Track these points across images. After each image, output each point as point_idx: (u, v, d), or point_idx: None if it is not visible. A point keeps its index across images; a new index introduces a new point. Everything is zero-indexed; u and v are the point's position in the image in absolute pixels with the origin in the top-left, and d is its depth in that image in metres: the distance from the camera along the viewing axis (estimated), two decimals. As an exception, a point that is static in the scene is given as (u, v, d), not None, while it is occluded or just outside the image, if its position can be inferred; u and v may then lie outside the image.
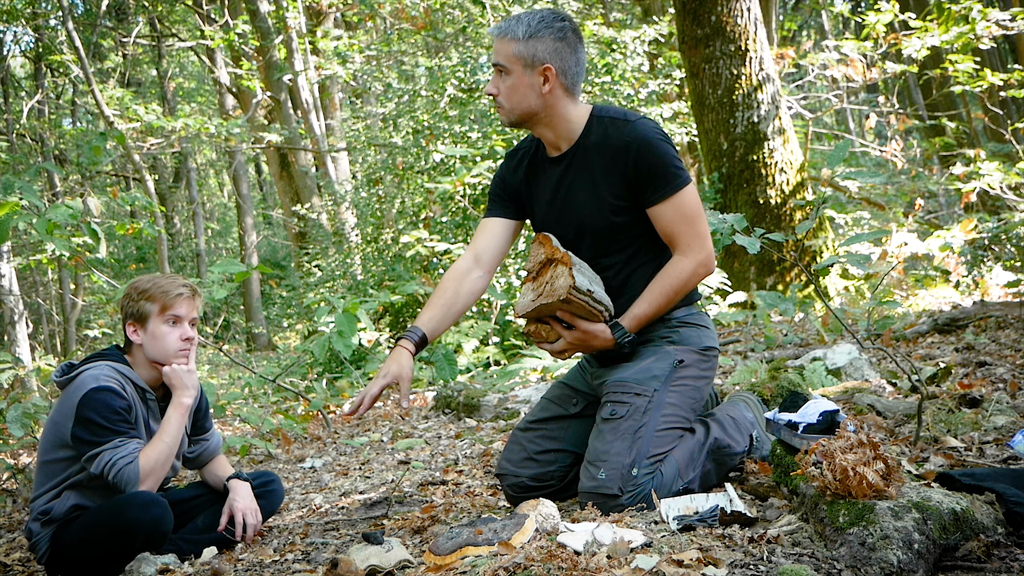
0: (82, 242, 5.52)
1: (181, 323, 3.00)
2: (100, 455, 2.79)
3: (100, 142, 6.12)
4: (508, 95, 2.81)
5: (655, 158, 2.72)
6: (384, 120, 13.08)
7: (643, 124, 2.78)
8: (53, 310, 19.91)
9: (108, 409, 2.82)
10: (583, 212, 2.84)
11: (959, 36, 9.45)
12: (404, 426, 5.48)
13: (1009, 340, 4.67)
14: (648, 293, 2.79)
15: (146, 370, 3.02)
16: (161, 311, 2.97)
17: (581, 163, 2.83)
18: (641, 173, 2.73)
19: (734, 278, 7.69)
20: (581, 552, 2.02)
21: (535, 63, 2.76)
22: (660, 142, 2.74)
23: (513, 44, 2.76)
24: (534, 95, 2.79)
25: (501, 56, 2.79)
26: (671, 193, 2.73)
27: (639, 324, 2.79)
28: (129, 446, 2.82)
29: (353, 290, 10.38)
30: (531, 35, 2.75)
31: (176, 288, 3.01)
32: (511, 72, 2.78)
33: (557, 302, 2.69)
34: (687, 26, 7.83)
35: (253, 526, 3.09)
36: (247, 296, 20.68)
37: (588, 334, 2.77)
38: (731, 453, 2.80)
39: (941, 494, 1.97)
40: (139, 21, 21.41)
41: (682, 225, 2.75)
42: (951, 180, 9.49)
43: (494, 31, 2.83)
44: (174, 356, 3.00)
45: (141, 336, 2.99)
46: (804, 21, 22.48)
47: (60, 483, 2.90)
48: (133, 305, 2.99)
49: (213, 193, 31.87)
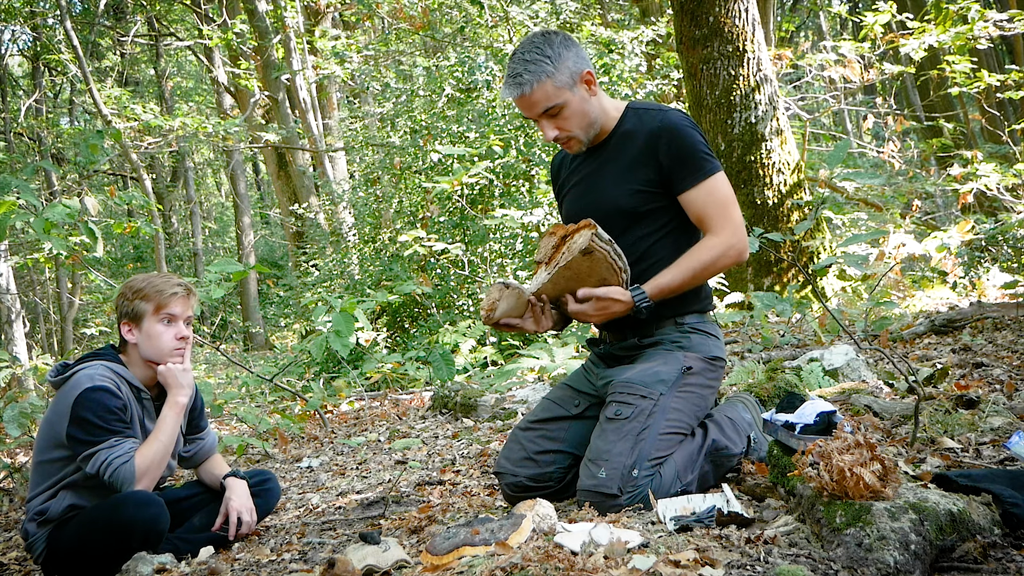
0: (79, 241, 5.52)
1: (176, 322, 3.00)
2: (96, 455, 2.78)
3: (97, 141, 6.10)
4: (577, 122, 2.85)
5: (686, 144, 2.77)
6: (382, 120, 13.08)
7: (674, 113, 2.84)
8: (50, 309, 19.91)
9: (103, 408, 2.82)
10: (610, 196, 2.88)
11: (956, 37, 9.45)
12: (401, 426, 5.48)
13: (1006, 341, 4.67)
14: (675, 266, 2.78)
15: (141, 369, 3.02)
16: (156, 310, 2.98)
17: (614, 149, 2.88)
18: (672, 159, 2.77)
19: (731, 278, 7.69)
20: (578, 552, 2.02)
21: (575, 79, 2.80)
22: (690, 129, 2.79)
23: (550, 81, 2.77)
24: (590, 105, 2.85)
25: (549, 99, 2.78)
26: (703, 178, 2.77)
27: (660, 293, 2.77)
28: (124, 445, 2.82)
29: (350, 289, 10.38)
30: (557, 60, 2.77)
31: (171, 287, 3.00)
32: (566, 103, 2.80)
33: (578, 257, 2.65)
34: (685, 27, 7.83)
35: (248, 524, 3.09)
36: (244, 295, 20.68)
37: (607, 299, 2.73)
38: (729, 454, 2.81)
39: (938, 495, 1.97)
40: (137, 20, 21.42)
41: (714, 208, 2.78)
42: (948, 181, 9.49)
43: (523, 89, 2.78)
44: (169, 355, 3.00)
45: (136, 335, 2.99)
46: (802, 22, 22.51)
47: (56, 483, 2.89)
48: (128, 304, 2.99)
49: (210, 192, 31.88)
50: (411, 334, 9.44)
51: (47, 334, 20.02)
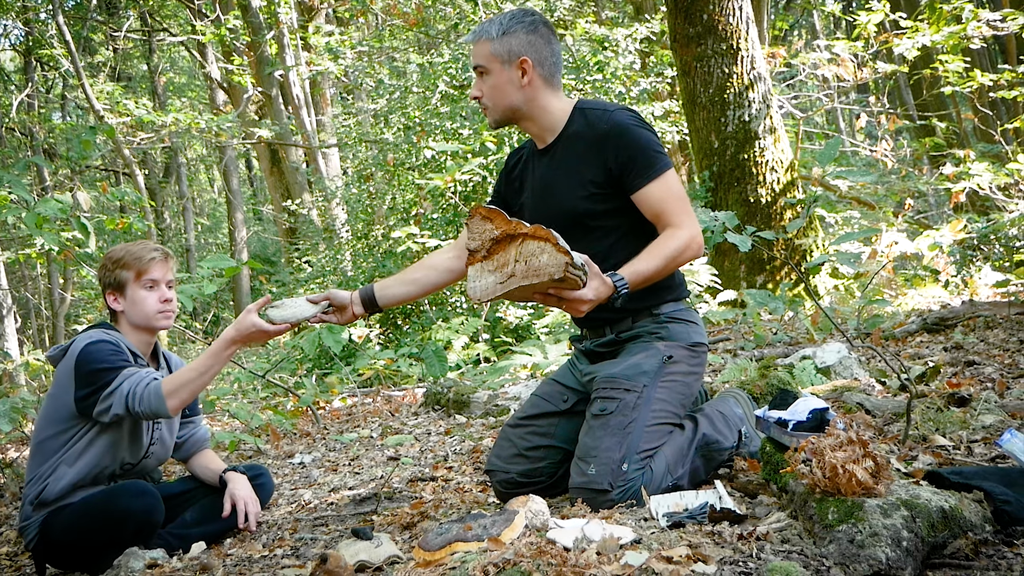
0: (71, 236, 5.50)
1: (158, 286, 3.04)
2: (116, 392, 2.77)
3: (90, 136, 6.08)
4: (491, 94, 2.87)
5: (635, 143, 2.74)
6: (375, 116, 13.06)
7: (622, 113, 2.81)
8: (42, 304, 19.86)
9: (106, 353, 2.84)
10: (564, 200, 2.85)
11: (950, 36, 9.48)
12: (394, 422, 5.47)
13: (997, 339, 4.69)
14: (646, 254, 2.69)
15: (134, 335, 3.05)
16: (137, 276, 3.02)
17: (564, 153, 2.86)
18: (622, 160, 2.74)
19: (724, 276, 7.70)
20: (571, 548, 2.02)
21: (511, 58, 2.81)
22: (638, 128, 2.77)
23: (488, 44, 2.82)
24: (515, 90, 2.84)
25: (480, 58, 2.85)
26: (656, 176, 2.73)
27: (637, 280, 2.65)
28: (141, 372, 2.82)
29: (343, 286, 10.37)
30: (504, 32, 2.81)
31: (148, 253, 3.05)
32: (491, 71, 2.84)
33: (549, 281, 2.43)
34: (679, 24, 7.84)
35: (255, 514, 3.13)
36: (237, 291, 20.62)
37: (578, 300, 2.53)
38: (720, 448, 2.81)
39: (930, 492, 1.97)
40: (130, 15, 21.36)
41: (672, 203, 2.73)
42: (941, 180, 9.52)
43: (470, 37, 2.90)
44: (155, 318, 3.03)
45: (122, 303, 3.03)
46: (795, 20, 22.54)
47: (55, 461, 2.88)
48: (109, 275, 3.04)
49: (203, 188, 31.80)
50: (404, 331, 9.44)
51: (38, 330, 19.97)
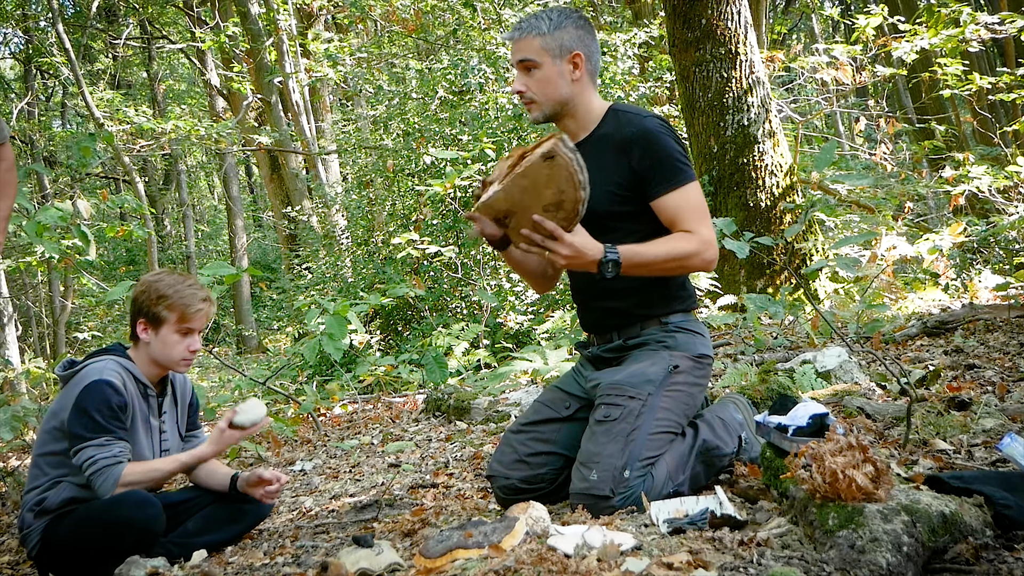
0: (72, 244, 5.51)
1: (192, 335, 3.04)
2: (85, 449, 2.81)
3: (90, 144, 6.09)
4: (541, 88, 2.84)
5: (660, 151, 2.74)
6: (375, 123, 13.08)
7: (652, 120, 2.81)
8: (43, 312, 19.85)
9: (105, 404, 2.85)
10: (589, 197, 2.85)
11: (948, 39, 9.48)
12: (394, 429, 5.47)
13: (998, 343, 4.68)
14: (652, 242, 2.69)
15: (148, 366, 3.06)
16: (178, 321, 3.01)
17: (592, 151, 2.83)
18: (645, 165, 2.74)
19: (724, 281, 7.69)
20: (571, 555, 2.02)
21: (563, 52, 2.81)
22: (666, 136, 2.76)
23: (539, 39, 2.81)
24: (565, 83, 2.84)
25: (529, 52, 2.81)
26: (677, 185, 2.73)
27: (632, 259, 2.64)
28: (115, 448, 2.84)
29: (343, 292, 10.38)
30: (556, 27, 2.81)
31: (197, 302, 3.03)
32: (540, 65, 2.82)
33: (539, 162, 2.43)
34: (677, 29, 7.84)
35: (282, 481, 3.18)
36: (237, 298, 20.62)
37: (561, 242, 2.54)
38: (720, 454, 2.81)
39: (930, 497, 1.97)
40: (129, 23, 21.40)
41: (690, 212, 2.73)
42: (940, 183, 9.51)
43: (514, 33, 2.86)
44: (177, 364, 3.05)
45: (150, 336, 3.02)
46: (794, 24, 22.56)
47: (56, 475, 2.91)
48: (150, 307, 3.01)
49: (203, 195, 31.84)
50: (404, 337, 9.44)
51: (39, 338, 19.96)
